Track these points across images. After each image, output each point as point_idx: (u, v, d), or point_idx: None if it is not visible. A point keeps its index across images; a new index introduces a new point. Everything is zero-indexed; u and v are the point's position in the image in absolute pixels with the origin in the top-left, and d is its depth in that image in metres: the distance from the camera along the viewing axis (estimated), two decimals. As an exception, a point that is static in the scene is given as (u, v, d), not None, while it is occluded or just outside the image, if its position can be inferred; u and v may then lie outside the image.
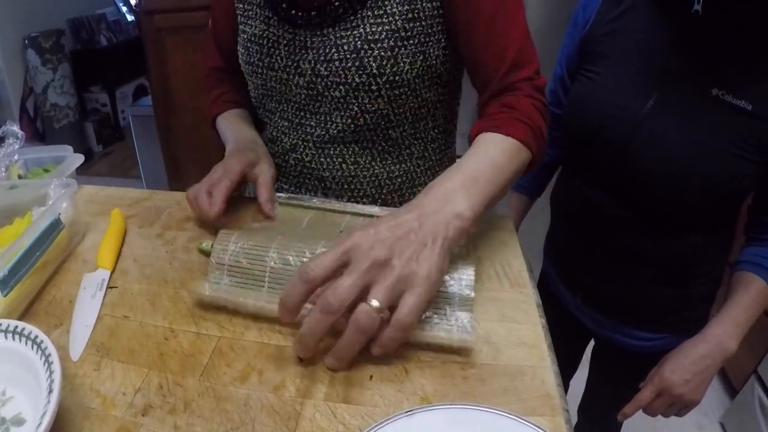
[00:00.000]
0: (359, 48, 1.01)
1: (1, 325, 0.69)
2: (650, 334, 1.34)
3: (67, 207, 0.98)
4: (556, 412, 0.65)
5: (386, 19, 0.99)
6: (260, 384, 0.70)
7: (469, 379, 0.71)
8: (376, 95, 1.05)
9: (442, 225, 0.75)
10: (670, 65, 1.09)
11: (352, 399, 0.68)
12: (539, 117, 0.98)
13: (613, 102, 1.16)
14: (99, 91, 5.40)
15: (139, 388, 0.70)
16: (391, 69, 1.02)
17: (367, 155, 1.14)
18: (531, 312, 0.82)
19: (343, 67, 1.03)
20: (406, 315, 0.68)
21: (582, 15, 1.27)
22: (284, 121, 1.18)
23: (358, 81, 1.03)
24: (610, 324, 1.39)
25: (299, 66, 1.07)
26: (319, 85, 1.07)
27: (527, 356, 0.74)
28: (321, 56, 1.04)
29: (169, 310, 0.83)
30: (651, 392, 1.21)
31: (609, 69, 1.19)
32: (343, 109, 1.08)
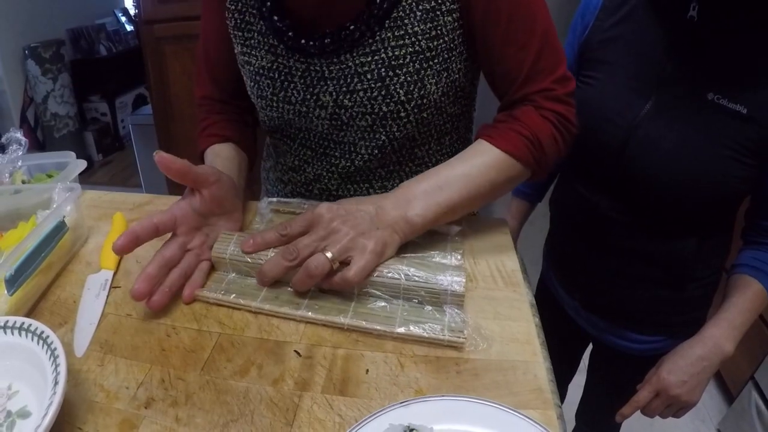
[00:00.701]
0: (384, 76, 0.95)
1: (7, 321, 0.71)
2: (647, 336, 1.36)
3: (71, 210, 0.99)
4: (548, 405, 0.67)
5: (408, 40, 0.93)
6: (260, 378, 0.72)
7: (462, 373, 0.72)
8: (404, 121, 1.00)
9: (391, 222, 0.87)
10: (667, 70, 1.10)
11: (349, 391, 0.70)
12: (547, 128, 0.96)
13: (611, 107, 1.17)
14: (99, 101, 5.39)
15: (141, 382, 0.72)
16: (418, 93, 0.97)
17: (394, 178, 1.11)
18: (524, 310, 0.83)
19: (368, 97, 0.97)
20: (353, 275, 0.80)
21: (580, 22, 1.28)
22: (307, 150, 1.13)
23: (385, 110, 0.98)
24: (607, 327, 1.40)
25: (319, 99, 1.01)
26: (344, 116, 1.01)
27: (520, 352, 0.75)
28: (343, 87, 0.98)
29: (171, 308, 0.85)
30: (649, 393, 1.22)
31: (607, 75, 1.20)
32: (369, 139, 1.04)
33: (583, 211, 1.32)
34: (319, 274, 0.80)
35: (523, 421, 0.61)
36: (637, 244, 1.24)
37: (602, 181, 1.24)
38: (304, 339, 0.79)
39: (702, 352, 1.16)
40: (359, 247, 0.83)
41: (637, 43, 1.15)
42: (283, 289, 0.87)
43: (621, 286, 1.32)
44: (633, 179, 1.17)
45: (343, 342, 0.78)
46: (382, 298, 0.84)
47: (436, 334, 0.77)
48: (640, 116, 1.13)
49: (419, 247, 0.92)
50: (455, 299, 0.81)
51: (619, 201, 1.22)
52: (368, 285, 0.83)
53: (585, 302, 1.43)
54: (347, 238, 0.83)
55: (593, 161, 1.24)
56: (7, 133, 1.15)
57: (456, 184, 0.91)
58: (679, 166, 1.09)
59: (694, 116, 1.08)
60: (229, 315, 0.84)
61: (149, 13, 3.12)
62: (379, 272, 0.83)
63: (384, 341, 0.78)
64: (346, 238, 0.83)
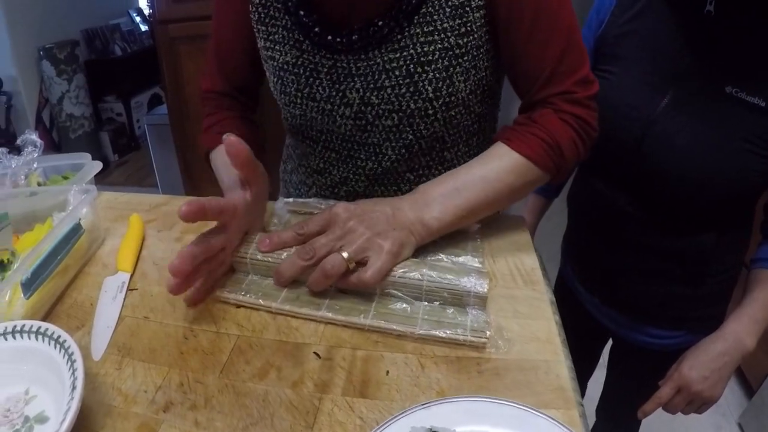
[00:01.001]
0: (412, 72, 0.94)
1: (24, 325, 0.71)
2: (667, 332, 1.34)
3: (87, 212, 0.99)
4: (570, 404, 0.66)
5: (437, 36, 0.92)
6: (279, 380, 0.71)
7: (483, 373, 0.71)
8: (432, 120, 0.99)
9: (408, 224, 0.86)
10: (684, 65, 1.09)
11: (369, 393, 0.69)
12: (566, 131, 0.94)
13: (628, 101, 1.16)
14: (114, 101, 5.41)
15: (160, 385, 0.71)
16: (447, 90, 0.95)
17: (423, 181, 1.02)
18: (544, 308, 0.82)
19: (396, 93, 0.96)
20: (370, 277, 0.79)
21: (596, 17, 1.27)
22: (331, 152, 1.11)
23: (413, 107, 0.97)
24: (627, 322, 1.39)
25: (345, 96, 0.99)
26: (369, 115, 1.00)
27: (541, 351, 0.74)
28: (370, 84, 0.97)
29: (189, 310, 0.84)
30: (670, 389, 1.21)
31: (623, 69, 1.19)
32: (395, 139, 1.03)
33: (600, 207, 1.31)
34: (335, 274, 0.80)
35: (546, 421, 0.60)
36: (653, 239, 1.23)
37: (619, 176, 1.23)
38: (323, 341, 0.78)
39: (723, 348, 1.16)
40: (376, 248, 0.82)
41: (653, 38, 1.14)
42: (302, 289, 0.86)
43: (639, 281, 1.31)
44: (650, 175, 1.16)
45: (363, 343, 0.77)
46: (404, 300, 0.83)
47: (457, 335, 0.76)
48: (657, 111, 1.12)
49: (440, 248, 0.91)
50: (478, 300, 0.80)
51: (636, 196, 1.21)
52: (389, 286, 0.82)
53: (604, 298, 1.42)
54: (363, 238, 0.83)
55: (610, 157, 1.23)
56: (23, 135, 1.15)
57: (474, 188, 0.90)
58: (697, 160, 1.08)
59: (711, 111, 1.07)
60: (247, 317, 0.83)
61: (164, 12, 3.14)
62: (401, 273, 0.82)
63: (404, 342, 0.77)
64: (363, 238, 0.83)
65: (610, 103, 1.16)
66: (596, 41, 1.26)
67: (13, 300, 0.81)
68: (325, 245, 0.83)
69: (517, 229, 1.03)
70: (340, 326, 0.80)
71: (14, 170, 1.11)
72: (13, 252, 0.91)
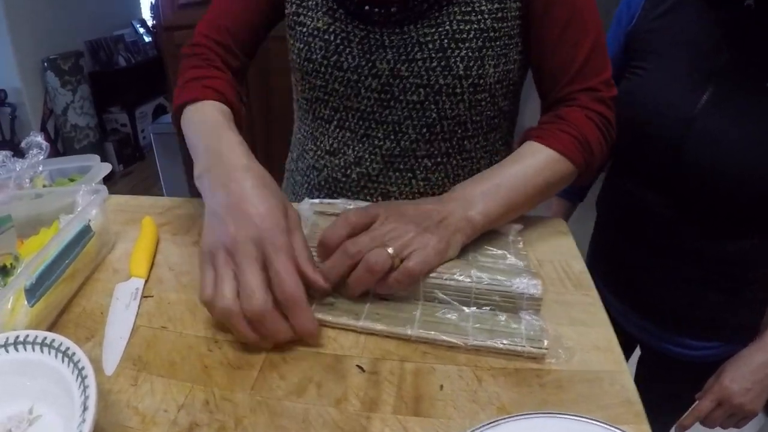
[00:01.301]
0: (446, 47, 0.94)
1: (28, 336, 0.63)
2: (701, 342, 1.29)
3: (97, 214, 0.92)
4: (640, 419, 0.61)
5: (474, 17, 0.93)
6: (319, 397, 0.64)
7: (546, 386, 0.65)
8: (458, 99, 0.99)
9: (454, 221, 0.81)
10: (723, 60, 1.06)
11: (423, 411, 0.62)
12: (593, 129, 0.95)
13: (665, 99, 1.13)
14: (118, 112, 5.41)
15: (182, 404, 0.63)
16: (477, 71, 0.96)
17: (440, 171, 1.08)
18: (599, 314, 0.77)
19: (426, 67, 0.96)
20: (414, 264, 0.74)
21: (626, 12, 1.25)
22: (346, 131, 1.08)
23: (442, 83, 0.96)
24: (658, 332, 1.35)
25: (375, 66, 0.98)
26: (396, 88, 0.99)
27: (603, 360, 0.69)
28: (402, 55, 0.97)
29: (211, 319, 0.76)
30: (711, 402, 1.18)
31: (658, 65, 1.16)
32: (417, 117, 1.01)
33: (632, 210, 1.27)
34: (379, 270, 0.73)
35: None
36: (691, 244, 1.18)
37: (655, 177, 1.19)
38: (366, 352, 0.70)
39: (765, 359, 1.14)
40: (421, 244, 0.77)
41: (689, 32, 1.11)
42: (338, 297, 0.79)
43: (672, 288, 1.26)
44: (690, 174, 1.11)
45: (411, 355, 0.70)
46: (451, 306, 0.76)
47: (514, 345, 0.69)
48: (698, 108, 1.08)
49: (483, 250, 0.86)
50: (532, 304, 0.74)
51: (674, 198, 1.17)
52: (436, 289, 0.76)
53: (634, 306, 1.36)
54: (408, 236, 0.77)
55: (646, 156, 1.18)
56: (27, 138, 1.10)
57: (513, 184, 0.89)
58: (739, 157, 1.04)
59: (753, 106, 1.04)
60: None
61: (169, 20, 3.13)
62: (448, 275, 0.76)
63: (456, 353, 0.70)
64: (408, 236, 0.77)
65: (645, 101, 1.16)
66: (627, 37, 1.24)
67: (15, 308, 0.73)
68: (369, 243, 0.76)
69: (560, 232, 0.99)
70: (383, 336, 0.73)
71: (18, 173, 1.05)
72: (16, 257, 0.84)
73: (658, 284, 1.28)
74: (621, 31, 1.25)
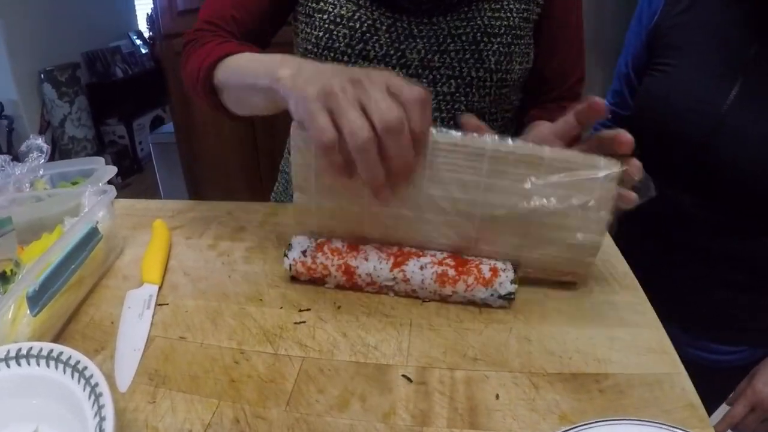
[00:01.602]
0: (479, 40, 0.93)
1: (30, 348, 0.57)
2: (727, 346, 1.26)
3: (105, 216, 0.87)
4: (704, 424, 0.57)
5: (504, 14, 0.94)
6: (365, 412, 0.57)
7: (606, 391, 0.61)
8: (486, 92, 0.98)
9: None
10: (751, 53, 1.03)
11: (481, 424, 0.56)
12: None
13: (692, 95, 1.09)
14: (116, 123, 5.37)
15: (209, 423, 0.57)
16: (506, 66, 0.96)
17: None
18: (649, 315, 0.76)
19: (459, 59, 0.94)
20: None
21: (647, 9, 1.22)
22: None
23: (474, 75, 0.95)
24: (685, 339, 1.27)
25: (404, 56, 0.95)
26: (425, 79, 0.96)
27: (659, 363, 0.66)
28: (434, 45, 0.94)
29: (236, 328, 0.70)
30: (744, 407, 1.14)
31: (683, 61, 1.13)
32: (446, 110, 0.99)
33: (659, 211, 1.21)
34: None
35: None
36: (721, 243, 1.15)
37: (684, 175, 1.14)
38: (411, 360, 0.64)
39: None
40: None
41: (714, 25, 1.09)
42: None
43: (700, 291, 1.22)
44: (721, 172, 1.08)
45: (460, 362, 0.64)
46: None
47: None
48: (727, 103, 1.04)
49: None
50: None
51: (703, 197, 1.13)
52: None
53: (661, 312, 1.29)
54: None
55: (673, 154, 1.14)
56: (27, 141, 1.05)
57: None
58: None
59: None
60: (310, 334, 0.69)
61: (168, 27, 3.10)
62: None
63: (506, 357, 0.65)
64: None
65: (673, 98, 1.13)
66: (649, 34, 1.21)
67: (17, 318, 0.67)
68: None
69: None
70: (428, 343, 0.67)
71: (18, 177, 0.99)
72: (17, 262, 0.78)
73: (684, 287, 1.24)
74: (642, 28, 1.22)
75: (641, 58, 1.24)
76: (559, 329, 0.69)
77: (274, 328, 0.70)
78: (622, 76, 1.34)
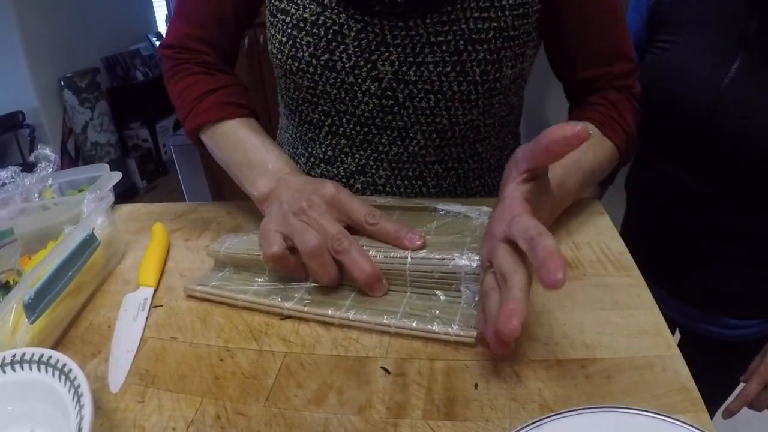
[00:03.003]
0: (461, 49, 0.83)
1: (24, 354, 0.59)
2: (742, 321, 1.27)
3: (104, 222, 0.88)
4: (698, 407, 0.55)
5: (494, 13, 0.82)
6: (341, 405, 0.58)
7: (592, 377, 0.59)
8: (472, 105, 0.89)
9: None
10: (751, 27, 1.03)
11: (458, 414, 0.56)
12: (634, 122, 0.93)
13: (693, 71, 1.10)
14: (139, 127, 5.41)
15: (191, 420, 0.58)
16: (494, 75, 0.86)
17: (451, 177, 1.00)
18: (644, 296, 0.72)
19: (438, 72, 0.84)
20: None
21: None
22: (340, 138, 0.97)
23: (456, 89, 0.86)
24: (698, 314, 1.33)
25: (376, 67, 0.86)
26: (400, 93, 0.88)
27: (652, 345, 0.64)
28: (409, 56, 0.84)
29: (224, 327, 0.72)
30: (757, 384, 1.15)
31: (684, 37, 1.14)
32: (426, 123, 0.91)
33: (667, 190, 1.24)
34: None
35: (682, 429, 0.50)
36: (729, 219, 1.16)
37: (687, 152, 1.17)
38: (391, 352, 0.64)
39: None
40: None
41: (716, 1, 1.09)
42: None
43: (711, 268, 1.24)
44: (724, 148, 1.09)
45: (441, 352, 0.64)
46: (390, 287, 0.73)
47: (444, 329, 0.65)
48: (728, 79, 1.05)
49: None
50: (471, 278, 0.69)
51: (709, 174, 1.15)
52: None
53: (673, 289, 1.33)
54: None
55: (677, 131, 1.17)
56: (36, 151, 1.07)
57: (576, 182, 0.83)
58: None
59: None
60: (294, 330, 0.70)
61: None
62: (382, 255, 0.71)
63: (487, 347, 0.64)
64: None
65: (674, 75, 1.14)
66: (649, 10, 1.21)
67: (17, 326, 0.68)
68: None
69: (596, 213, 0.92)
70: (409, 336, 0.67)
71: (27, 188, 1.02)
72: (19, 272, 0.82)
73: (695, 264, 1.26)
74: (642, 6, 1.22)
75: (642, 36, 1.24)
76: (546, 315, 0.68)
77: (260, 324, 0.71)
78: None
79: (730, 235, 1.17)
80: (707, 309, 1.30)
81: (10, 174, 1.02)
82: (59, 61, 4.57)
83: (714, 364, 1.35)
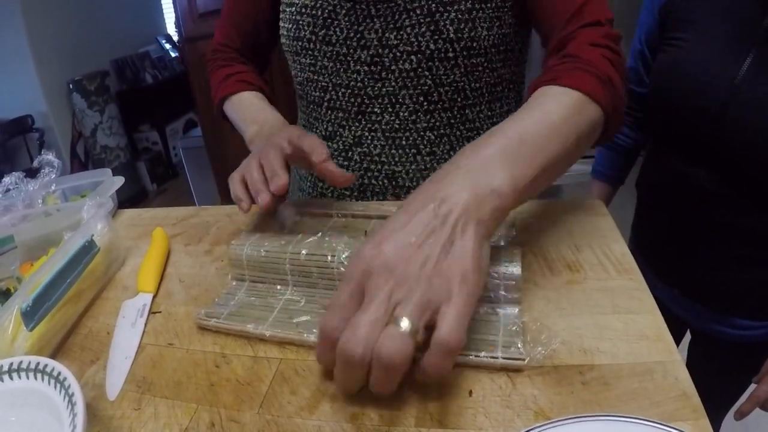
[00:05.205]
0: (434, 11, 0.92)
1: (21, 363, 0.59)
2: (755, 322, 1.25)
3: (103, 229, 0.88)
4: (698, 414, 0.54)
5: None
6: (334, 413, 0.58)
7: (589, 384, 0.58)
8: (452, 63, 0.95)
9: (472, 206, 0.58)
10: (764, 25, 1.02)
11: (451, 422, 0.55)
12: (609, 67, 0.78)
13: (706, 68, 1.10)
14: (149, 130, 5.42)
15: (186, 427, 0.58)
16: (468, 33, 0.93)
17: (444, 144, 1.03)
18: (645, 300, 0.70)
19: (415, 33, 0.93)
20: (448, 332, 0.51)
21: None
22: (338, 112, 1.06)
23: (433, 48, 0.94)
24: (710, 314, 1.31)
25: (363, 37, 0.97)
26: (386, 58, 0.97)
27: (652, 351, 0.62)
28: (390, 23, 0.95)
29: (220, 333, 0.72)
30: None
31: (696, 34, 1.14)
32: (412, 86, 0.98)
33: (678, 188, 1.23)
34: (400, 363, 0.51)
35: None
36: (741, 218, 1.15)
37: (699, 150, 1.16)
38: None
39: None
40: (441, 286, 0.54)
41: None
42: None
43: (723, 267, 1.22)
44: (737, 145, 1.08)
45: None
46: None
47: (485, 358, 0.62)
48: (740, 76, 1.05)
49: None
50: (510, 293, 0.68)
51: (722, 171, 1.13)
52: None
53: (684, 289, 1.32)
54: (420, 286, 0.53)
55: (689, 129, 1.16)
56: (39, 156, 1.07)
57: (540, 134, 0.67)
58: None
59: None
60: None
61: (190, 30, 3.16)
62: None
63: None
64: (419, 287, 0.53)
65: (686, 72, 1.14)
66: (662, 8, 1.22)
67: (16, 333, 0.69)
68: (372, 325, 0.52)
69: (597, 213, 0.91)
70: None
71: (30, 194, 1.02)
72: (19, 279, 0.82)
73: (706, 264, 1.24)
74: (655, 3, 1.23)
75: (654, 34, 1.25)
76: (545, 320, 0.67)
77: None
78: (636, 53, 1.36)
79: (741, 233, 1.16)
80: (718, 309, 1.29)
81: (14, 180, 1.03)
82: (68, 64, 4.59)
83: (725, 365, 1.35)
